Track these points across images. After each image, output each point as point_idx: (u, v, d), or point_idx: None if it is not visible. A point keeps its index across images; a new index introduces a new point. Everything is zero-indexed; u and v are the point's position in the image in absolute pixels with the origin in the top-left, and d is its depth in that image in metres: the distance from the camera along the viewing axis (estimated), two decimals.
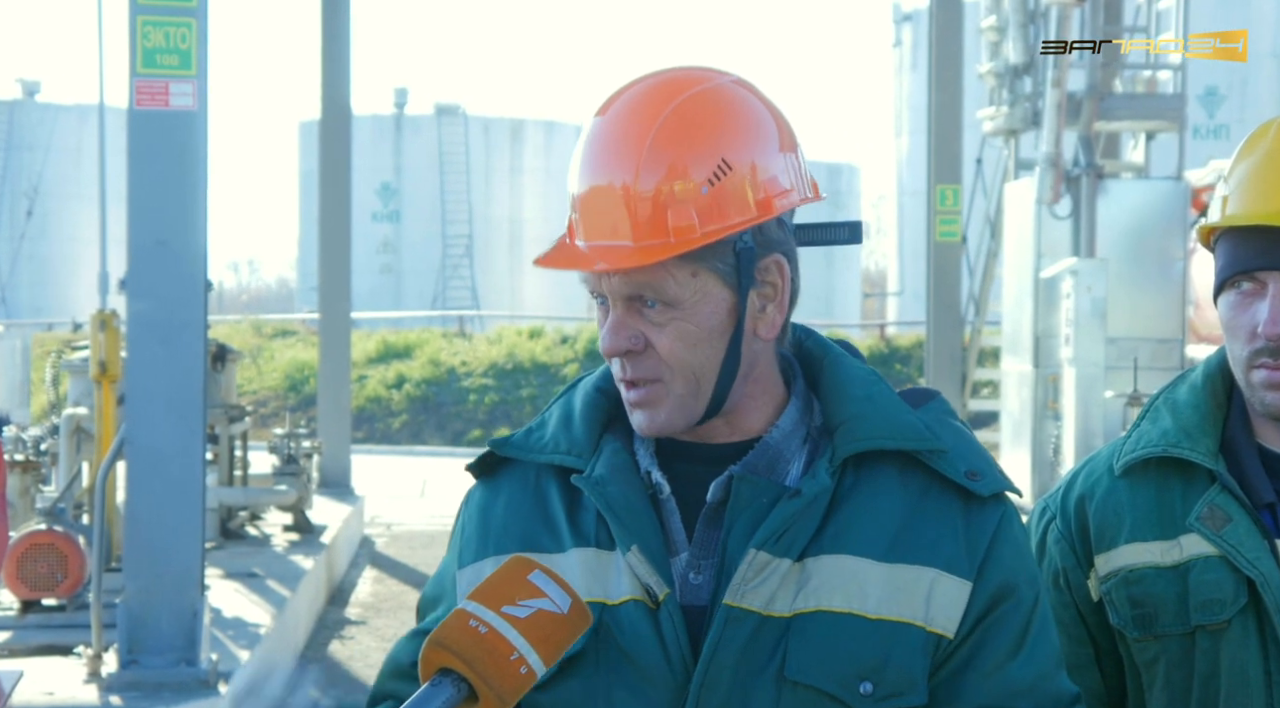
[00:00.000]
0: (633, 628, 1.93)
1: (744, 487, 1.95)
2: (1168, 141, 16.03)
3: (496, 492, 2.08)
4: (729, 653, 1.91)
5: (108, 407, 9.83)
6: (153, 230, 7.83)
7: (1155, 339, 15.09)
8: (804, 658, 1.90)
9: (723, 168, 1.92)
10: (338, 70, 17.65)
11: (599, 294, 1.97)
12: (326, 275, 18.08)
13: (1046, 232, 15.36)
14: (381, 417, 29.12)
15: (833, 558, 1.93)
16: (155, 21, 7.71)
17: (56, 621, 9.27)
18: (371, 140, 40.80)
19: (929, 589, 1.93)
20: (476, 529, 2.07)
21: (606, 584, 1.96)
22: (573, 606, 1.79)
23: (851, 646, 1.91)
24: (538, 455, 2.04)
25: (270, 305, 60.78)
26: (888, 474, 1.98)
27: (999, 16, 17.04)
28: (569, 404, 2.08)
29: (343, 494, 17.08)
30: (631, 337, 1.95)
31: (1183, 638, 2.33)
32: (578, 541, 1.99)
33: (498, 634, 1.75)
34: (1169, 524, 2.34)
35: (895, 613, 1.92)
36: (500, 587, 1.79)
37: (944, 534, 1.96)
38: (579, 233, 1.96)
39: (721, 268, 1.94)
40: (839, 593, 1.92)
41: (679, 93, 1.95)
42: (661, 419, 1.96)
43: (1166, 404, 2.42)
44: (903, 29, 39.03)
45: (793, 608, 1.92)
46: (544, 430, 2.07)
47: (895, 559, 1.93)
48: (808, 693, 1.91)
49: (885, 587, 1.93)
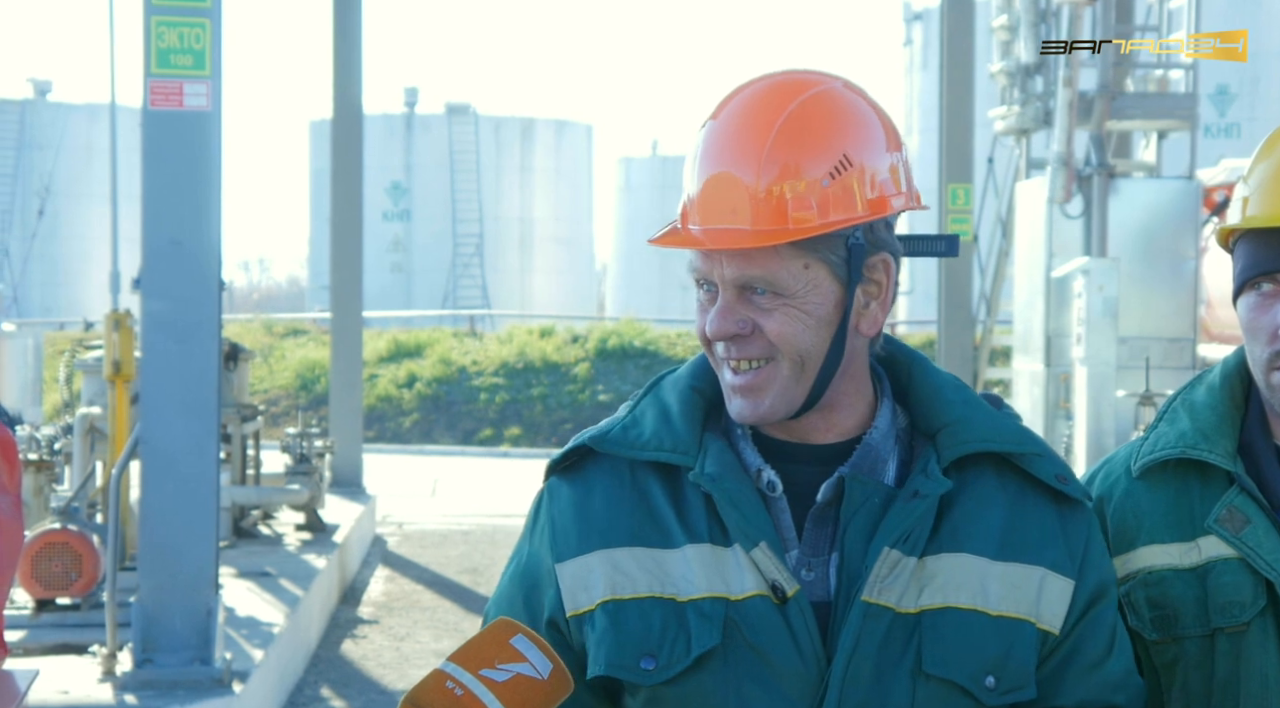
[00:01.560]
0: (761, 623, 1.97)
1: (856, 487, 2.00)
2: (1179, 140, 16.01)
3: (588, 487, 2.09)
4: (870, 647, 1.96)
5: (122, 406, 9.85)
6: (167, 230, 7.84)
7: (1167, 338, 15.07)
8: (938, 653, 1.97)
9: (843, 164, 1.98)
10: (349, 70, 17.66)
11: (706, 281, 2.00)
12: (338, 274, 18.10)
13: (1058, 231, 15.34)
14: (392, 416, 29.14)
15: (952, 556, 2.00)
16: (169, 22, 7.72)
17: (71, 620, 9.28)
18: (382, 140, 40.84)
19: (1039, 587, 2.02)
20: (574, 524, 2.07)
21: (727, 580, 1.99)
22: (553, 672, 1.81)
23: (978, 641, 1.98)
24: (639, 452, 2.06)
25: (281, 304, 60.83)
26: (987, 476, 2.05)
27: (1010, 15, 17.02)
28: (663, 402, 2.10)
29: (355, 493, 17.10)
30: (739, 321, 1.98)
31: (1202, 640, 2.32)
32: (690, 537, 2.01)
33: (473, 697, 1.76)
34: (1187, 526, 2.34)
35: (1013, 610, 2.00)
36: (481, 649, 1.80)
37: (1046, 535, 2.04)
38: (694, 218, 1.99)
39: (833, 260, 1.99)
40: (964, 590, 1.99)
41: (798, 93, 2.00)
42: (765, 406, 1.99)
43: (1184, 405, 2.41)
44: (913, 28, 39.03)
45: (919, 604, 1.97)
46: (641, 428, 2.08)
47: (1007, 558, 2.01)
48: (941, 687, 1.97)
49: (1002, 584, 2.00)
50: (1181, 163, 15.78)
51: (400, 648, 11.12)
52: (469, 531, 17.00)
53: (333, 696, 9.89)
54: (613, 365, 29.71)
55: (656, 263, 45.77)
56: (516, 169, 44.05)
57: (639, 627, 1.99)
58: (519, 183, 44.05)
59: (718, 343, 2.00)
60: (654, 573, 2.00)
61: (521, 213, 43.96)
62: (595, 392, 28.74)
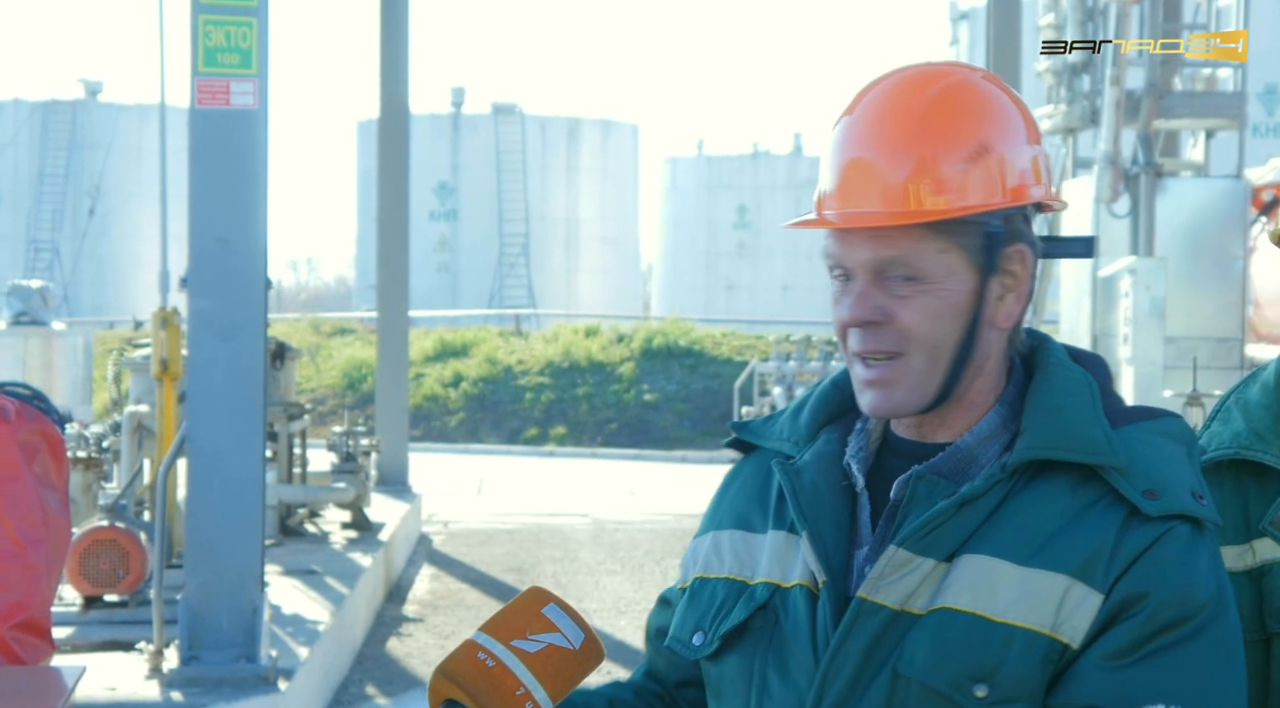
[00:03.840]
0: (795, 612, 1.99)
1: (920, 486, 1.96)
2: (1227, 139, 15.92)
3: (740, 470, 2.19)
4: (856, 645, 1.92)
5: (169, 404, 9.90)
6: (213, 229, 7.87)
7: (1214, 338, 14.98)
8: (917, 655, 1.90)
9: (981, 150, 1.96)
10: (396, 70, 17.70)
11: (841, 268, 1.99)
12: (384, 274, 18.15)
13: (1105, 230, 15.25)
14: (438, 415, 29.21)
15: (972, 557, 1.92)
16: (216, 21, 7.75)
17: (118, 617, 9.34)
18: (429, 139, 40.95)
19: (1061, 597, 1.88)
20: (716, 502, 2.18)
21: (786, 567, 2.02)
22: (585, 641, 1.80)
23: (968, 646, 1.88)
24: (765, 440, 2.14)
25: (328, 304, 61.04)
26: (1060, 484, 1.94)
27: (1057, 14, 16.94)
28: (807, 395, 2.16)
29: (400, 492, 17.14)
30: (875, 308, 1.95)
31: (1258, 645, 2.26)
32: (777, 524, 2.06)
33: (505, 669, 1.75)
34: (1242, 528, 2.29)
35: (1020, 618, 1.88)
36: (513, 619, 1.79)
37: (1091, 546, 1.89)
38: (829, 203, 1.99)
39: (970, 247, 1.96)
40: (967, 592, 1.90)
41: (936, 81, 1.99)
42: (896, 398, 1.97)
43: (1238, 405, 2.37)
44: (959, 27, 38.92)
45: (929, 605, 1.91)
46: (779, 418, 2.15)
47: (1033, 564, 1.89)
48: (920, 690, 1.89)
49: (1016, 591, 1.89)
50: (1229, 162, 15.68)
51: (445, 647, 11.14)
52: (514, 530, 17.03)
53: (378, 694, 9.92)
54: (658, 365, 29.71)
55: (702, 263, 45.77)
56: (562, 169, 44.10)
57: (706, 605, 2.07)
58: (565, 183, 44.10)
59: (851, 334, 1.98)
60: (741, 556, 2.07)
61: (567, 213, 44.01)
62: (640, 391, 28.75)
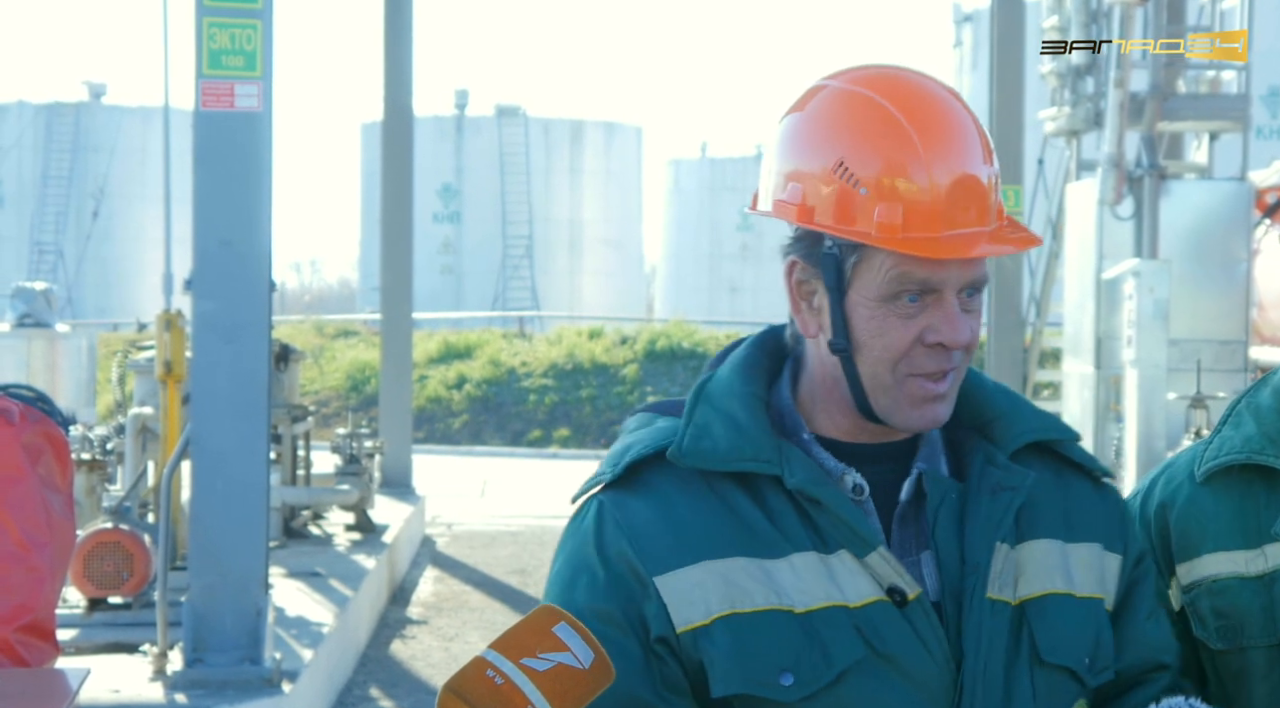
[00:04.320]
0: (888, 629, 1.92)
1: (934, 484, 1.99)
2: (1231, 142, 15.91)
3: (663, 498, 1.99)
4: (999, 644, 1.95)
5: (173, 406, 9.90)
6: (218, 231, 7.87)
7: (1218, 341, 14.96)
8: (1050, 640, 1.97)
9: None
10: (400, 72, 17.70)
11: (924, 288, 1.92)
12: (388, 276, 18.15)
13: (1109, 233, 15.25)
14: (442, 417, 29.20)
15: (1035, 543, 2.01)
16: (221, 23, 7.75)
17: (122, 619, 9.33)
18: (432, 141, 40.93)
19: (1102, 565, 2.05)
20: (665, 535, 1.97)
21: (842, 588, 1.93)
22: (595, 661, 1.77)
23: (1076, 624, 2.00)
24: (720, 463, 1.97)
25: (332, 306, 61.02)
26: (1034, 461, 2.04)
27: (1061, 17, 16.94)
28: (727, 411, 2.01)
29: (404, 494, 17.14)
30: (971, 329, 1.95)
31: (1270, 650, 2.26)
32: (793, 546, 1.94)
33: (514, 687, 1.73)
34: (1253, 533, 2.28)
35: (1093, 590, 2.03)
36: (523, 637, 1.77)
37: (1094, 514, 2.07)
38: (933, 222, 1.90)
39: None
40: (1056, 574, 2.00)
41: (949, 91, 1.97)
42: (947, 412, 1.98)
43: (1249, 409, 2.36)
44: (963, 29, 38.91)
45: (1018, 595, 1.97)
46: (713, 438, 1.99)
47: (1075, 539, 2.03)
48: (1056, 674, 1.98)
49: (1079, 566, 2.02)
50: (1233, 164, 15.67)
51: (449, 649, 11.14)
52: (518, 532, 17.03)
53: (381, 696, 9.92)
54: (661, 367, 29.70)
55: (705, 265, 45.76)
56: (566, 171, 44.09)
57: (769, 642, 1.91)
58: (568, 185, 44.09)
59: (930, 354, 1.93)
60: (766, 585, 1.93)
61: (571, 215, 43.99)
62: (644, 393, 28.73)
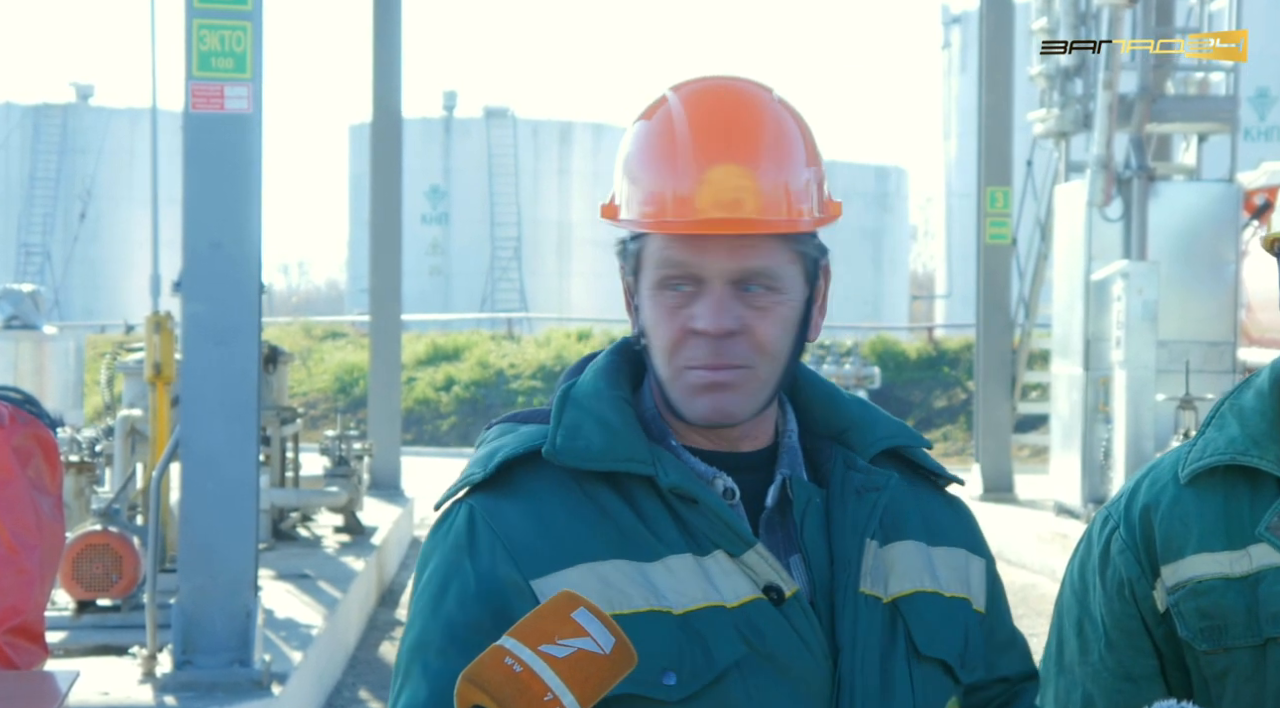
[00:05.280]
0: (767, 627, 1.93)
1: (799, 488, 2.00)
2: (1220, 143, 15.95)
3: (536, 500, 1.98)
4: (873, 637, 1.97)
5: (162, 408, 9.89)
6: (207, 233, 7.87)
7: (1207, 342, 14.99)
8: (925, 634, 2.00)
9: (816, 169, 1.99)
10: (388, 74, 17.71)
11: (688, 277, 1.95)
12: (377, 278, 18.15)
13: (1097, 234, 15.28)
14: (430, 418, 29.19)
15: (900, 544, 2.03)
16: (211, 25, 7.74)
17: (111, 621, 9.32)
18: (421, 143, 40.93)
19: (967, 568, 2.09)
20: (539, 538, 1.95)
21: (719, 587, 1.93)
22: (616, 646, 1.75)
23: (947, 622, 2.03)
24: (596, 463, 1.96)
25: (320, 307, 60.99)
26: (888, 467, 2.07)
27: (1050, 18, 16.97)
28: (597, 413, 2.00)
29: (393, 496, 17.14)
30: (736, 317, 1.93)
31: (1253, 650, 2.27)
32: (668, 548, 1.94)
33: (533, 674, 1.71)
34: (1237, 534, 2.29)
35: (957, 590, 2.06)
36: (542, 624, 1.75)
37: (950, 519, 2.11)
38: (686, 208, 1.94)
39: (806, 260, 1.98)
40: (923, 574, 2.03)
41: (764, 94, 2.01)
42: (735, 406, 1.95)
43: (1233, 411, 2.37)
44: (952, 31, 38.96)
45: (889, 593, 2.00)
46: (587, 439, 1.98)
47: (935, 542, 2.07)
48: (933, 667, 2.01)
49: (944, 568, 2.06)
50: (1222, 166, 15.71)
51: None
52: None
53: (371, 698, 9.91)
54: None
55: None
56: (554, 172, 44.10)
57: (650, 642, 1.88)
58: (557, 186, 44.10)
59: (696, 345, 1.94)
60: (644, 586, 1.92)
61: (559, 216, 44.00)
62: None
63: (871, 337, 31.61)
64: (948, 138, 39.19)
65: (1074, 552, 2.49)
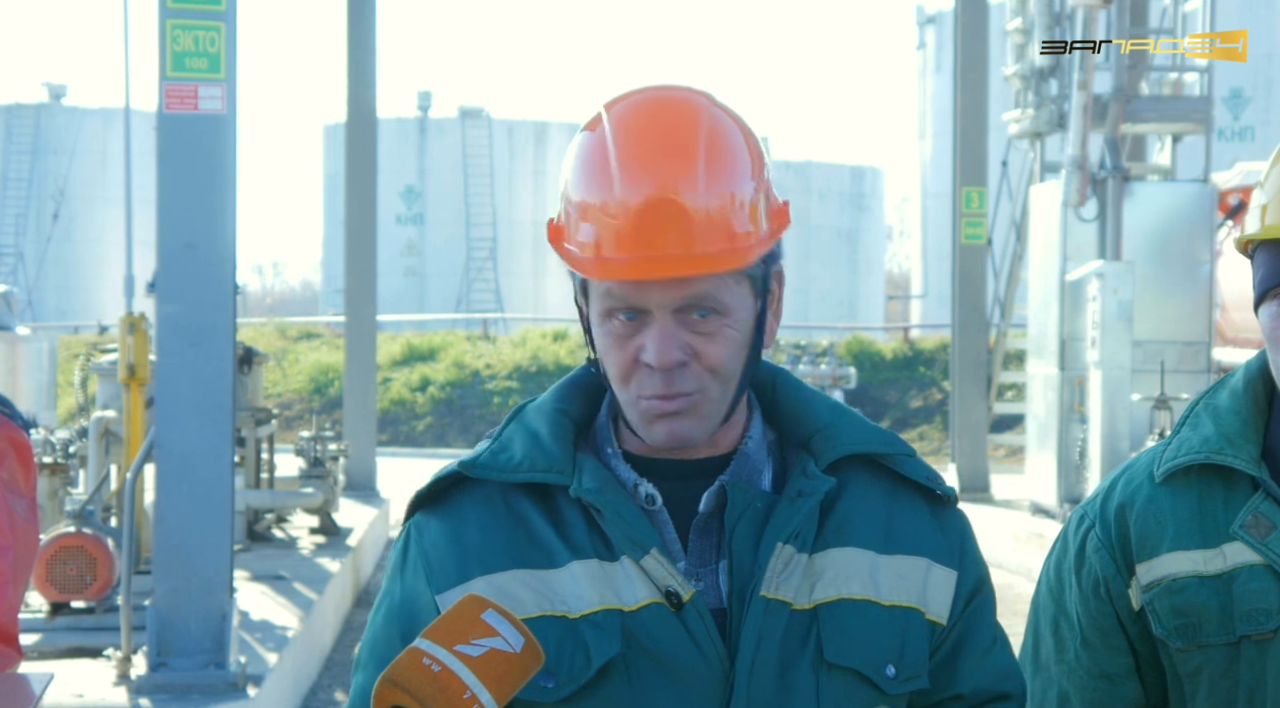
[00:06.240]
0: (660, 631, 1.93)
1: (737, 493, 1.99)
2: (1194, 144, 16.01)
3: (460, 517, 2.02)
4: (772, 642, 1.94)
5: (136, 410, 9.86)
6: (181, 234, 7.85)
7: (1182, 342, 15.05)
8: (838, 642, 1.97)
9: (762, 178, 1.96)
10: (363, 74, 17.69)
11: (631, 309, 1.93)
12: (352, 278, 18.13)
13: (1072, 234, 15.33)
14: (406, 419, 29.16)
15: (839, 551, 2.00)
16: (184, 25, 7.72)
17: (86, 623, 9.30)
18: (396, 143, 40.89)
19: (925, 578, 2.04)
20: (450, 555, 2.01)
21: (619, 592, 1.95)
22: (525, 645, 1.79)
23: (875, 630, 1.99)
24: (511, 475, 2.00)
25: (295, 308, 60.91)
26: (862, 477, 2.05)
27: (1024, 18, 17.02)
28: (529, 427, 2.04)
29: (368, 497, 17.12)
30: (683, 347, 1.92)
31: (1227, 648, 2.29)
32: (574, 554, 1.97)
33: (451, 673, 1.75)
34: (1212, 532, 2.31)
35: (903, 599, 2.02)
36: (455, 625, 1.79)
37: (923, 528, 2.06)
38: (621, 244, 1.91)
39: (754, 275, 1.96)
40: (855, 581, 1.99)
41: (701, 108, 1.96)
42: (690, 430, 1.95)
43: (1208, 410, 2.38)
44: (926, 31, 39.02)
45: (812, 599, 1.97)
46: (510, 452, 2.02)
47: (892, 551, 2.02)
48: (844, 676, 1.97)
49: (891, 576, 2.02)
50: (1196, 166, 15.77)
51: None
52: None
53: (346, 700, 9.88)
54: None
55: None
56: (530, 172, 44.06)
57: None
58: (532, 186, 44.06)
59: (648, 377, 1.93)
60: (541, 593, 1.95)
61: (535, 216, 43.94)
62: None
63: (847, 337, 31.64)
64: (923, 138, 39.25)
65: (1050, 551, 2.50)
